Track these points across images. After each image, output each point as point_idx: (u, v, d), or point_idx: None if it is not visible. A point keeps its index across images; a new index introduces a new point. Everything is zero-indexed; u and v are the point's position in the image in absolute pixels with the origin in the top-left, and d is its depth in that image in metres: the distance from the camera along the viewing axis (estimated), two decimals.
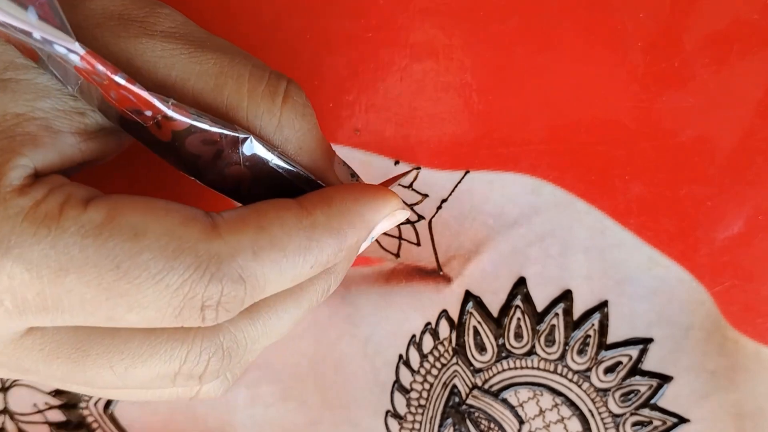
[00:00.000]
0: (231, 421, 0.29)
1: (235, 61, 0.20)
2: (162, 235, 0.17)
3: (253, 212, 0.19)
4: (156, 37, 0.19)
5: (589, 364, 0.28)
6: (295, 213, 0.19)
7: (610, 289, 0.28)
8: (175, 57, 0.19)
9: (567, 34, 0.27)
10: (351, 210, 0.20)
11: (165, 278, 0.17)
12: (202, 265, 0.17)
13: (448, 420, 0.29)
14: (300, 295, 0.21)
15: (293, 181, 0.20)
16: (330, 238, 0.19)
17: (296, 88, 0.20)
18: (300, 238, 0.19)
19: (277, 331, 0.21)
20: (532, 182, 0.28)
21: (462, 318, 0.28)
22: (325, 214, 0.19)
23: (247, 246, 0.18)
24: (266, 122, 0.20)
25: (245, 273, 0.18)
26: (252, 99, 0.19)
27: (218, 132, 0.19)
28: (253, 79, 0.20)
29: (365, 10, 0.27)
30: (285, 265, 0.19)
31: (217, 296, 0.18)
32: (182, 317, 0.18)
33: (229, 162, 0.19)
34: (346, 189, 0.21)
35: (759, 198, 0.27)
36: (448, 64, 0.27)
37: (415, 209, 0.28)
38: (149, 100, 0.18)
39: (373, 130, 0.28)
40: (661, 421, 0.28)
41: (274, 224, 0.19)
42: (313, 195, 0.20)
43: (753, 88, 0.27)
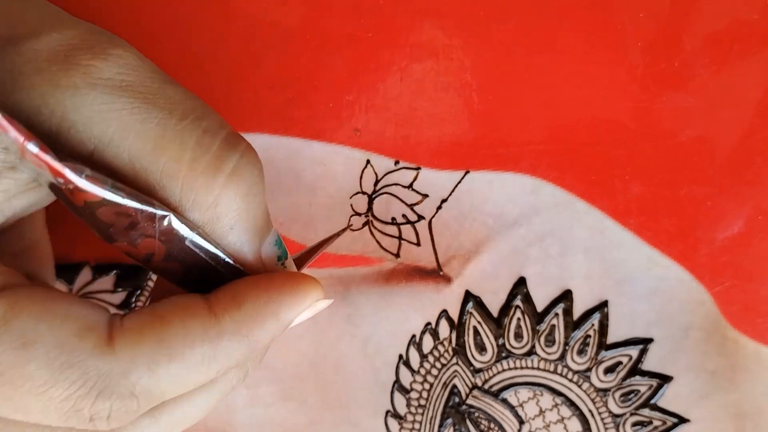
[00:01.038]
0: (231, 421, 0.29)
1: (183, 123, 0.18)
2: (52, 347, 0.17)
3: (155, 320, 0.18)
4: (98, 88, 0.17)
5: (589, 364, 0.28)
6: (201, 320, 0.18)
7: (610, 289, 0.28)
8: (116, 112, 0.18)
9: (567, 34, 0.27)
10: (263, 311, 0.19)
11: (49, 391, 0.17)
12: (89, 381, 0.17)
13: (448, 420, 0.29)
14: (210, 389, 0.20)
15: (209, 262, 0.20)
16: (239, 344, 0.18)
17: (248, 162, 0.19)
18: (204, 349, 0.18)
19: (185, 423, 0.20)
20: (531, 182, 0.28)
21: (462, 318, 0.28)
22: (233, 320, 0.18)
23: (142, 362, 0.17)
24: (201, 197, 0.18)
25: (137, 389, 0.17)
26: (190, 170, 0.18)
27: (133, 207, 0.18)
28: (198, 148, 0.18)
29: (365, 11, 0.27)
30: (186, 376, 0.18)
31: (106, 411, 0.17)
32: (70, 423, 0.17)
33: (143, 233, 0.18)
34: (261, 285, 0.19)
35: (759, 198, 0.27)
36: (448, 64, 0.27)
37: (415, 209, 0.28)
38: (60, 171, 0.17)
39: (373, 130, 0.28)
40: (661, 421, 0.28)
41: (176, 336, 0.18)
42: (224, 293, 0.19)
43: (753, 89, 0.27)
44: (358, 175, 0.28)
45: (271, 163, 0.28)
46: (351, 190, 0.28)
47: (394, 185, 0.28)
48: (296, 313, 0.20)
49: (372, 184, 0.28)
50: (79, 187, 0.17)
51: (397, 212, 0.28)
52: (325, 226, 0.28)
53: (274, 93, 0.28)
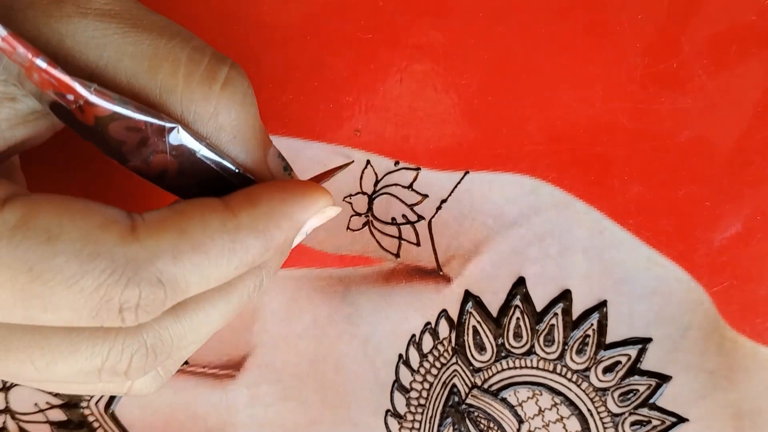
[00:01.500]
0: (231, 420, 0.29)
1: (173, 43, 0.19)
2: (77, 239, 0.17)
3: (175, 214, 0.18)
4: (89, 15, 0.18)
5: (588, 363, 0.28)
6: (219, 215, 0.19)
7: (608, 289, 0.28)
8: (108, 37, 0.18)
9: (566, 35, 0.27)
10: (277, 210, 0.19)
11: (79, 282, 0.17)
12: (118, 269, 0.17)
13: (447, 419, 0.29)
14: (229, 292, 0.20)
15: (221, 173, 0.20)
16: (255, 239, 0.19)
17: (238, 74, 0.20)
18: (223, 240, 0.18)
19: (206, 328, 0.20)
20: (531, 183, 0.28)
21: (461, 318, 0.28)
22: (250, 216, 0.19)
23: (167, 250, 0.18)
24: (201, 109, 0.19)
25: (164, 277, 0.18)
26: (187, 83, 0.19)
27: (143, 120, 0.18)
28: (191, 63, 0.19)
29: (365, 11, 0.27)
30: (207, 268, 0.18)
31: (135, 299, 0.17)
32: (100, 318, 0.17)
33: (155, 150, 0.19)
34: (273, 188, 0.20)
35: (757, 198, 0.27)
36: (448, 64, 0.27)
37: (415, 209, 0.28)
38: (70, 85, 0.17)
39: (373, 131, 0.28)
40: (660, 421, 0.28)
41: (196, 227, 0.18)
42: (239, 194, 0.20)
43: (751, 89, 0.27)
44: (358, 176, 0.28)
45: None
46: (351, 190, 0.28)
47: (394, 185, 0.28)
48: (308, 215, 0.20)
49: (372, 184, 0.28)
50: (89, 101, 0.17)
51: (397, 212, 0.28)
52: (325, 226, 0.28)
53: (274, 93, 0.28)
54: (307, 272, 0.29)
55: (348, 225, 0.28)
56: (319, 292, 0.29)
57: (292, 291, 0.29)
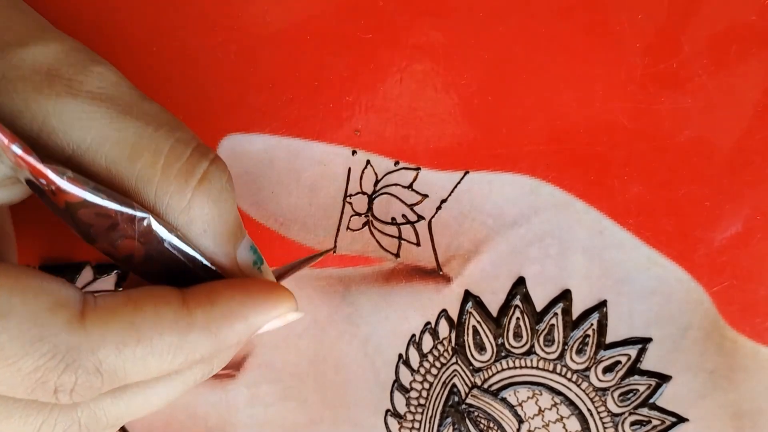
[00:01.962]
0: (231, 420, 0.29)
1: (158, 133, 0.19)
2: (24, 320, 0.17)
3: (128, 303, 0.18)
4: (79, 97, 0.19)
5: (588, 363, 0.28)
6: (174, 310, 0.19)
7: (608, 289, 0.28)
8: (95, 120, 0.18)
9: (566, 35, 0.27)
10: (235, 312, 0.19)
11: (18, 362, 0.17)
12: (58, 354, 0.17)
13: (447, 419, 0.29)
14: (173, 379, 0.20)
15: (188, 264, 0.20)
16: (206, 340, 0.19)
17: (216, 169, 0.20)
18: (172, 338, 0.18)
19: (144, 410, 0.21)
20: (531, 182, 0.28)
21: (461, 318, 0.28)
22: (205, 315, 0.19)
23: (111, 341, 0.18)
24: (174, 202, 0.19)
25: (103, 366, 0.18)
26: (164, 176, 0.19)
27: (114, 209, 0.18)
28: (172, 155, 0.19)
29: (365, 11, 0.27)
30: (151, 362, 0.18)
31: (71, 384, 0.18)
32: (35, 395, 0.18)
33: (123, 235, 0.19)
34: (235, 287, 0.20)
35: (757, 198, 0.27)
36: (448, 64, 0.27)
37: (415, 209, 0.28)
38: (43, 172, 0.17)
39: (373, 131, 0.28)
40: (660, 421, 0.28)
41: (146, 320, 0.18)
42: (199, 290, 0.20)
43: (751, 89, 0.27)
44: (358, 175, 0.28)
45: (271, 163, 0.28)
46: (351, 190, 0.28)
47: (394, 185, 0.28)
48: (266, 319, 0.20)
49: (372, 184, 0.28)
50: (60, 188, 0.18)
51: (397, 212, 0.28)
52: (325, 226, 0.28)
53: (274, 93, 0.28)
54: (307, 272, 0.29)
55: (348, 225, 0.28)
56: (319, 292, 0.29)
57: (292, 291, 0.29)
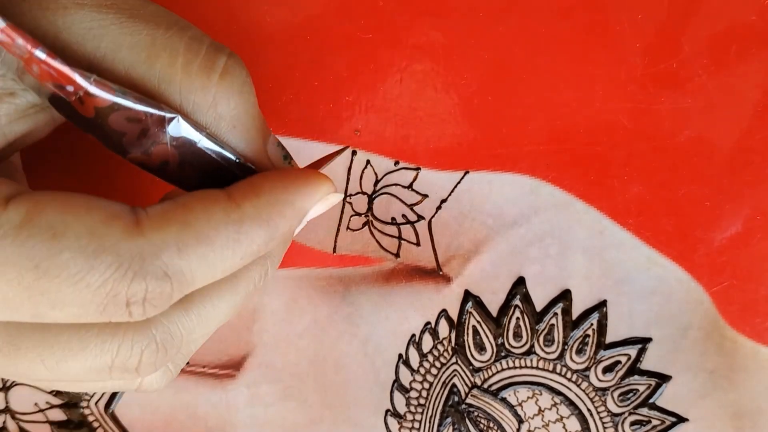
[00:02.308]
0: (231, 420, 0.29)
1: (170, 32, 0.19)
2: (82, 235, 0.17)
3: (178, 207, 0.18)
4: (86, 7, 0.18)
5: (587, 363, 0.28)
6: (223, 206, 0.19)
7: (608, 289, 0.28)
8: (105, 28, 0.18)
9: (566, 35, 0.27)
10: (281, 199, 0.19)
11: (85, 278, 0.17)
12: (124, 263, 0.17)
13: (447, 419, 0.29)
14: (235, 283, 0.20)
15: (222, 163, 0.20)
16: (260, 229, 0.19)
17: (236, 63, 0.20)
18: (228, 231, 0.18)
19: (214, 320, 0.20)
20: (531, 182, 0.28)
21: (461, 317, 0.28)
22: (253, 206, 0.19)
23: (172, 243, 0.18)
24: (200, 98, 0.19)
25: (170, 270, 0.18)
26: (186, 73, 0.19)
27: (143, 110, 0.18)
28: (189, 53, 0.19)
29: (365, 11, 0.27)
30: (213, 259, 0.18)
31: (142, 293, 0.17)
32: (107, 314, 0.17)
33: (156, 141, 0.19)
34: (275, 177, 0.20)
35: (757, 198, 0.27)
36: (448, 64, 0.27)
37: (415, 209, 0.28)
38: (70, 75, 0.17)
39: (373, 131, 0.28)
40: (660, 421, 0.28)
41: (200, 219, 0.18)
42: (242, 184, 0.20)
43: (751, 89, 0.27)
44: (358, 176, 0.28)
45: None
46: (351, 190, 0.28)
47: (394, 185, 0.28)
48: (311, 202, 0.20)
49: (372, 184, 0.28)
50: (89, 91, 0.17)
51: (397, 212, 0.28)
52: (325, 226, 0.28)
53: (274, 93, 0.28)
54: (307, 272, 0.29)
55: (348, 225, 0.28)
56: (319, 292, 0.29)
57: (292, 291, 0.29)
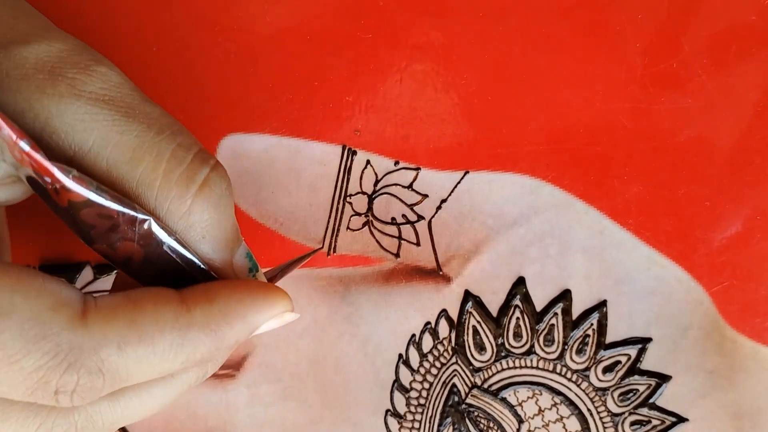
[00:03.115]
0: (231, 420, 0.29)
1: (160, 137, 0.19)
2: (26, 318, 0.17)
3: (128, 302, 0.19)
4: (82, 98, 0.19)
5: (587, 363, 0.28)
6: (174, 308, 0.19)
7: (608, 289, 0.28)
8: (97, 122, 0.19)
9: (566, 35, 0.27)
10: (233, 311, 0.20)
11: (20, 361, 0.17)
12: (60, 353, 0.17)
13: (447, 419, 0.29)
14: (170, 382, 0.21)
15: (185, 267, 0.20)
16: (206, 338, 0.19)
17: (217, 176, 0.20)
18: (173, 335, 0.19)
19: (140, 413, 0.21)
20: (531, 182, 0.28)
21: (461, 317, 0.28)
22: (204, 313, 0.19)
23: (113, 340, 0.18)
24: (174, 207, 0.19)
25: (105, 366, 0.18)
26: (165, 180, 0.19)
27: (116, 210, 0.19)
28: (173, 160, 0.19)
29: (365, 11, 0.27)
30: (152, 361, 0.18)
31: (72, 385, 0.18)
32: (35, 397, 0.18)
33: (123, 237, 0.19)
34: (232, 287, 0.20)
35: (757, 198, 0.27)
36: (448, 64, 0.27)
37: (415, 209, 0.28)
38: (49, 170, 0.17)
39: (373, 131, 0.28)
40: (660, 421, 0.28)
41: (147, 319, 0.18)
42: (198, 289, 0.20)
43: (751, 89, 0.27)
44: (358, 176, 0.28)
45: (271, 163, 0.28)
46: (351, 190, 0.28)
47: (394, 185, 0.28)
48: (264, 318, 0.20)
49: (372, 184, 0.28)
50: (65, 186, 0.18)
51: (397, 212, 0.28)
52: (325, 226, 0.28)
53: (274, 93, 0.28)
54: (307, 272, 0.29)
55: (348, 225, 0.28)
56: (319, 292, 0.29)
57: (292, 291, 0.29)
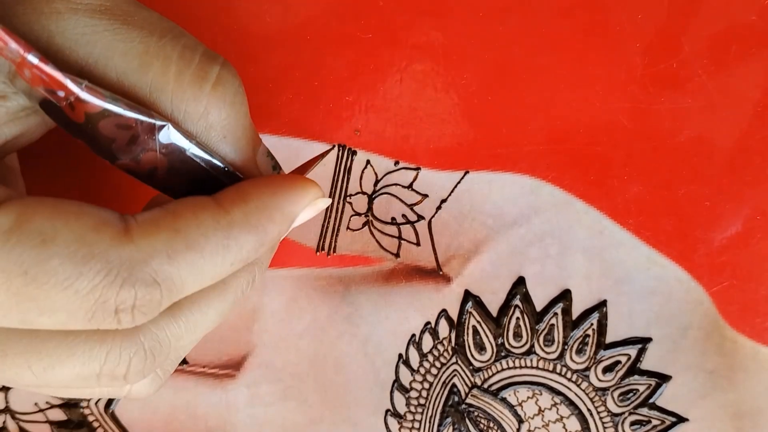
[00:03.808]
0: (231, 420, 0.29)
1: (164, 41, 0.19)
2: (72, 241, 0.17)
3: (168, 214, 0.18)
4: (79, 12, 0.18)
5: (587, 363, 0.28)
6: (212, 212, 0.19)
7: (608, 289, 0.28)
8: (98, 34, 0.18)
9: (566, 34, 0.27)
10: (269, 205, 0.19)
11: (74, 284, 0.17)
12: (113, 270, 0.17)
13: (447, 419, 0.29)
14: (224, 289, 0.20)
15: (210, 171, 0.20)
16: (249, 234, 0.19)
17: (228, 73, 0.20)
18: (218, 237, 0.18)
19: (202, 327, 0.20)
20: (531, 182, 0.28)
21: (461, 317, 0.28)
22: (242, 211, 0.19)
23: (161, 249, 0.18)
24: (191, 108, 0.19)
25: (160, 277, 0.18)
26: (178, 83, 0.19)
27: (134, 117, 0.18)
28: (181, 61, 0.19)
29: (365, 11, 0.27)
30: (203, 266, 0.18)
31: (131, 300, 0.17)
32: (96, 321, 0.17)
33: (145, 148, 0.19)
34: (264, 183, 0.20)
35: (757, 198, 0.27)
36: (448, 64, 0.27)
37: (415, 209, 0.28)
38: (61, 81, 0.17)
39: (373, 131, 0.28)
40: (660, 421, 0.28)
41: (190, 226, 0.18)
42: (231, 191, 0.20)
43: (751, 89, 0.27)
44: (358, 175, 0.28)
45: None
46: (351, 190, 0.28)
47: (394, 185, 0.28)
48: (299, 207, 0.20)
49: (372, 184, 0.28)
50: (80, 97, 0.17)
51: (397, 212, 0.28)
52: (325, 226, 0.28)
53: (274, 93, 0.28)
54: (307, 272, 0.29)
55: (348, 225, 0.28)
56: (319, 292, 0.29)
57: (292, 291, 0.29)
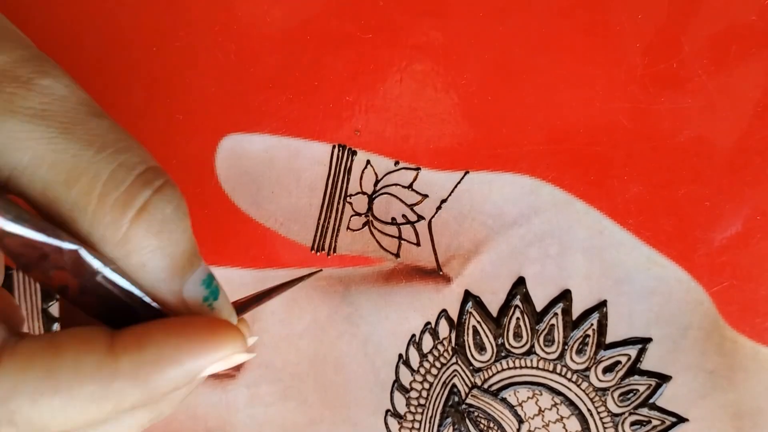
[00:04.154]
0: (231, 420, 0.29)
1: (99, 156, 0.18)
2: None
3: (48, 348, 0.17)
4: (17, 115, 0.17)
5: (588, 363, 0.28)
6: (97, 356, 0.17)
7: (608, 289, 0.28)
8: (33, 141, 0.17)
9: (566, 35, 0.27)
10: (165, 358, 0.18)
11: None
12: None
13: (447, 419, 0.29)
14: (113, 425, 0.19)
15: (124, 300, 0.19)
16: (135, 389, 0.18)
17: (161, 199, 0.18)
18: (94, 387, 0.17)
19: None
20: (531, 183, 0.28)
21: (461, 318, 0.28)
22: (132, 361, 0.18)
23: (24, 392, 0.17)
24: (110, 233, 0.18)
25: (16, 418, 0.17)
26: (100, 204, 0.18)
27: (39, 240, 0.17)
28: (110, 182, 0.18)
29: (365, 11, 0.27)
30: (71, 412, 0.17)
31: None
32: None
33: (55, 266, 0.18)
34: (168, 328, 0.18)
35: (757, 198, 0.27)
36: (448, 64, 0.27)
37: (415, 209, 0.28)
38: None
39: (373, 131, 0.28)
40: (660, 421, 0.28)
41: (65, 368, 0.17)
42: (130, 333, 0.18)
43: (751, 89, 0.27)
44: (358, 175, 0.28)
45: (271, 163, 0.28)
46: (351, 190, 0.28)
47: (394, 185, 0.28)
48: (204, 363, 0.18)
49: (372, 184, 0.28)
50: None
51: (397, 212, 0.28)
52: (320, 226, 0.28)
53: (274, 93, 0.28)
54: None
55: (348, 225, 0.28)
56: (319, 292, 0.29)
57: (292, 291, 0.29)
